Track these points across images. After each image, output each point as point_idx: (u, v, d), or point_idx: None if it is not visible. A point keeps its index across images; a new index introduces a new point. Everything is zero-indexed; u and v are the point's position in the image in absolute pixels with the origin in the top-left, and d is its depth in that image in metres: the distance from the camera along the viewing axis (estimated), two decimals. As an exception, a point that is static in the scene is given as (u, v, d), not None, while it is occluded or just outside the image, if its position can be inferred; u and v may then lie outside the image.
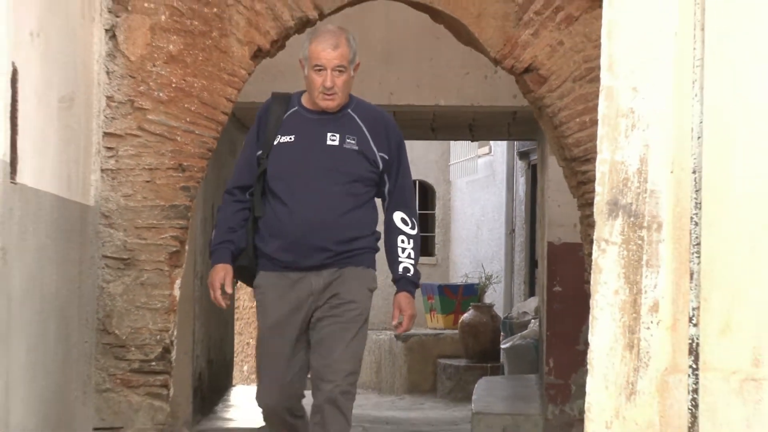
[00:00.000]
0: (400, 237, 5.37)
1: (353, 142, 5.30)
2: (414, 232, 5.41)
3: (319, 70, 5.23)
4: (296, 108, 5.45)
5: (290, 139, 5.35)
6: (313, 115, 5.38)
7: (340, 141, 5.30)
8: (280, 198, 5.27)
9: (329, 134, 5.31)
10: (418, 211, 5.74)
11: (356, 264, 5.34)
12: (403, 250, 5.36)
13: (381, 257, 5.89)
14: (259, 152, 5.44)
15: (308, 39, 5.41)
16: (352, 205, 5.29)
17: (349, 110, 5.40)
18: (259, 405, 5.38)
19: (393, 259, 5.39)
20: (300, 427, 5.34)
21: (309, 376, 5.67)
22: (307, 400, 5.51)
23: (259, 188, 5.36)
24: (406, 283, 5.36)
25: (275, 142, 5.37)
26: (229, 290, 5.41)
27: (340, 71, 5.24)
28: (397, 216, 5.39)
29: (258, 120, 5.59)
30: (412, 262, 5.38)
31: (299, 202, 5.23)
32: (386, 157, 5.38)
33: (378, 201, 5.86)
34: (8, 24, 5.76)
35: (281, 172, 5.31)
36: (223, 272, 5.41)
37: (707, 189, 4.61)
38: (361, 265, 5.37)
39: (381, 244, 5.82)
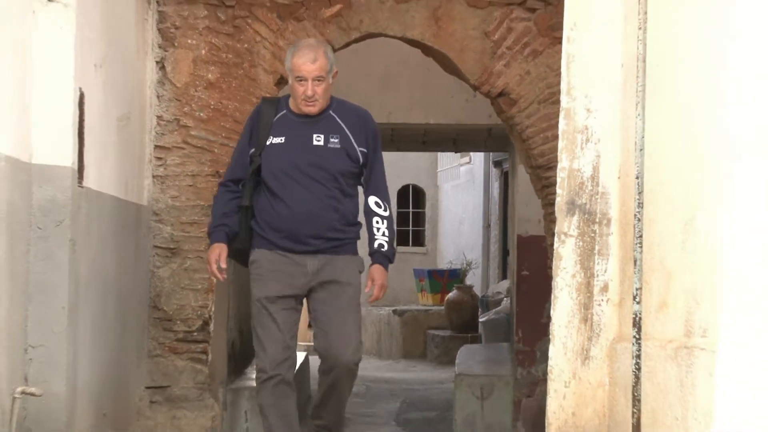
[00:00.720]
0: (375, 218, 5.07)
1: (336, 141, 4.98)
2: (387, 213, 5.10)
3: (301, 80, 4.93)
4: (284, 112, 5.11)
5: (281, 140, 5.01)
6: (299, 118, 5.04)
7: (324, 141, 4.98)
8: (276, 193, 4.96)
9: (315, 135, 4.98)
10: (392, 199, 5.54)
11: (345, 252, 5.03)
12: (378, 229, 5.05)
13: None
14: (252, 150, 5.10)
15: (291, 53, 5.09)
16: (338, 197, 4.99)
17: (330, 111, 5.05)
18: (260, 366, 4.99)
19: (370, 237, 5.10)
20: (290, 398, 4.98)
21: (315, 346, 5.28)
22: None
23: (251, 182, 5.04)
24: (379, 256, 5.05)
25: (268, 143, 5.03)
26: (223, 265, 5.05)
27: (319, 81, 4.90)
28: (372, 200, 5.08)
29: (251, 122, 5.26)
30: (386, 239, 5.07)
31: (292, 196, 4.92)
32: (365, 150, 5.08)
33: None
34: (76, 57, 5.76)
35: (275, 169, 4.97)
36: (218, 250, 5.08)
37: (648, 192, 4.63)
38: (348, 254, 5.06)
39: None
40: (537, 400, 9.51)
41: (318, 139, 4.97)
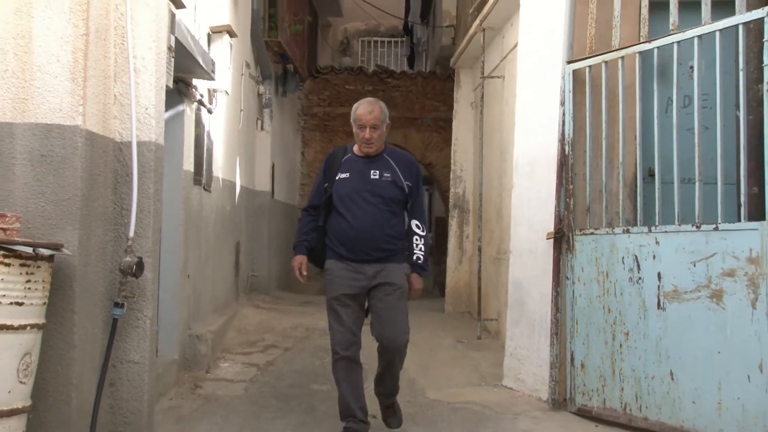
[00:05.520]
0: (415, 237, 2.88)
1: (388, 176, 2.86)
2: (423, 233, 2.95)
3: (362, 127, 2.82)
4: (350, 155, 2.92)
5: (347, 175, 2.87)
6: (361, 159, 2.88)
7: (379, 175, 2.85)
8: (343, 214, 2.84)
9: (372, 171, 2.84)
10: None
11: (394, 261, 2.82)
12: (416, 245, 2.87)
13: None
14: (326, 184, 2.91)
15: (355, 107, 2.92)
16: (390, 218, 2.83)
17: (385, 155, 2.90)
18: (334, 349, 2.77)
19: (410, 251, 2.88)
20: (357, 372, 2.74)
21: (372, 333, 2.88)
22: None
23: (326, 207, 2.87)
24: (417, 267, 2.86)
25: (337, 177, 2.87)
26: (304, 272, 2.87)
27: (374, 128, 2.81)
28: (413, 223, 2.90)
29: (325, 163, 3.03)
30: (422, 253, 2.89)
31: (356, 217, 2.81)
32: (410, 184, 2.89)
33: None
34: (271, 150, 5.68)
35: (342, 197, 2.85)
36: (300, 260, 2.86)
37: (483, 201, 4.52)
38: (397, 262, 2.83)
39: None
40: (442, 277, 9.39)
41: (374, 174, 2.85)
